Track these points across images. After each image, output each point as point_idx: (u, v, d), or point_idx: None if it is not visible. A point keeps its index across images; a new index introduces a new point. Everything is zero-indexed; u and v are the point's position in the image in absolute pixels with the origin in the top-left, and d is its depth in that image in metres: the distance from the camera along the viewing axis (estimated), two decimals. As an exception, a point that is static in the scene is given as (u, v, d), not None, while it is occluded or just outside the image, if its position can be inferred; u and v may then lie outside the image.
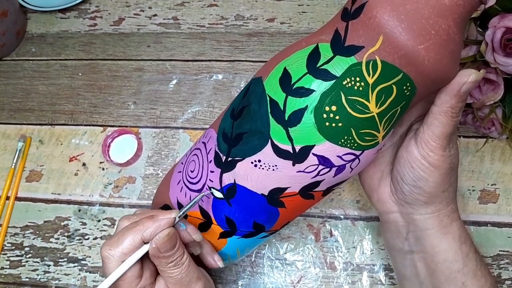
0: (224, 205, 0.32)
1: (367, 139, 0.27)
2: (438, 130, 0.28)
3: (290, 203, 0.31)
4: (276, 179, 0.29)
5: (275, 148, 0.28)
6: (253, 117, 0.29)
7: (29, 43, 0.56)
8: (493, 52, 0.37)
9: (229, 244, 0.34)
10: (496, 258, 0.42)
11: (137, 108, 0.51)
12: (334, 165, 0.28)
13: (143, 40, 0.55)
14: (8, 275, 0.45)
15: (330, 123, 0.26)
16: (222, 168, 0.31)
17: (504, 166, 0.45)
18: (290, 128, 0.27)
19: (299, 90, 0.26)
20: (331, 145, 0.27)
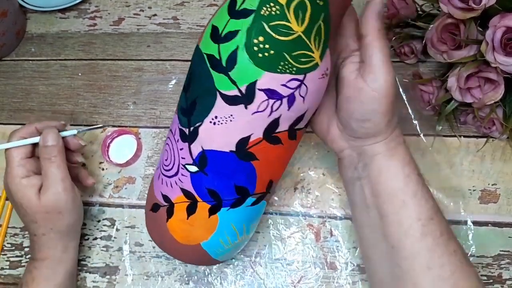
0: (201, 177, 0.32)
1: (303, 60, 0.28)
2: (380, 57, 0.30)
3: (260, 152, 0.31)
4: (236, 129, 0.30)
5: (224, 97, 0.29)
6: (198, 80, 0.30)
7: (28, 43, 0.56)
8: (494, 52, 0.36)
9: (221, 220, 0.33)
10: (497, 258, 0.42)
11: (137, 108, 0.51)
12: (282, 96, 0.28)
13: (143, 40, 0.55)
14: (8, 275, 0.45)
15: (262, 53, 0.27)
16: (188, 140, 0.32)
17: (504, 165, 0.45)
18: (230, 72, 0.28)
19: (227, 35, 0.28)
20: (271, 75, 0.28)
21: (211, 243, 0.34)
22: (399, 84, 0.49)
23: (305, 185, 0.46)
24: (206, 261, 0.37)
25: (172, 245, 0.35)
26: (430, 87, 0.44)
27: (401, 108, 0.48)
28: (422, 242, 0.31)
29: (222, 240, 0.34)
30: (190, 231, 0.34)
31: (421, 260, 0.31)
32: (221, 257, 0.37)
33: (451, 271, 0.31)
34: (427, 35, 0.42)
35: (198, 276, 0.43)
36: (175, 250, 0.36)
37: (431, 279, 0.31)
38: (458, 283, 0.30)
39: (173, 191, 0.34)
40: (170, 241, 0.35)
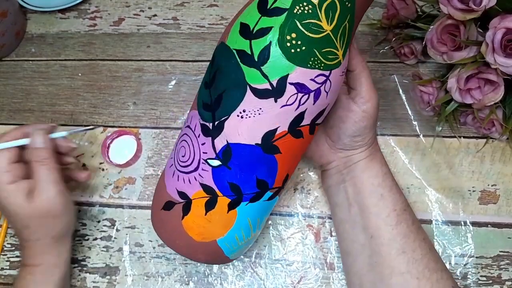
0: (224, 171, 0.32)
1: (330, 57, 0.30)
2: (367, 84, 0.36)
3: (283, 146, 0.32)
4: (264, 122, 0.31)
5: (254, 91, 0.30)
6: (226, 75, 0.31)
7: (28, 44, 0.56)
8: (494, 53, 0.37)
9: (239, 215, 0.34)
10: (496, 258, 0.42)
11: (137, 108, 0.51)
12: (310, 90, 0.30)
13: (143, 40, 0.55)
14: (8, 275, 0.45)
15: (294, 49, 0.29)
16: (212, 135, 0.32)
17: (504, 166, 0.45)
18: (262, 67, 0.29)
19: (260, 32, 0.29)
20: (302, 70, 0.29)
21: (227, 239, 0.34)
22: (399, 85, 0.49)
23: (305, 186, 0.46)
24: (218, 259, 0.36)
25: (187, 243, 0.35)
26: (430, 88, 0.44)
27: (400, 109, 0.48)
28: (397, 229, 0.36)
29: (238, 236, 0.34)
30: (207, 227, 0.34)
31: (397, 245, 0.35)
32: (233, 255, 0.36)
33: (422, 254, 0.35)
34: (427, 36, 0.42)
35: (198, 277, 0.43)
36: (189, 249, 0.35)
37: (406, 262, 0.35)
38: (429, 264, 0.35)
39: (192, 186, 0.34)
40: (184, 240, 0.34)
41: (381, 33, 0.52)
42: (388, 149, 0.47)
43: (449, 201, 0.44)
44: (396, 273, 0.35)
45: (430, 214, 0.44)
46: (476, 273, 0.42)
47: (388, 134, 0.47)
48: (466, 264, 0.42)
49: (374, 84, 0.37)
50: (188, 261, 0.44)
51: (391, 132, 0.47)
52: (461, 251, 0.42)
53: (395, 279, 0.35)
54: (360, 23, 0.52)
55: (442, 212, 0.44)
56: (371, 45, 0.52)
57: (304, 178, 0.46)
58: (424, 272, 0.35)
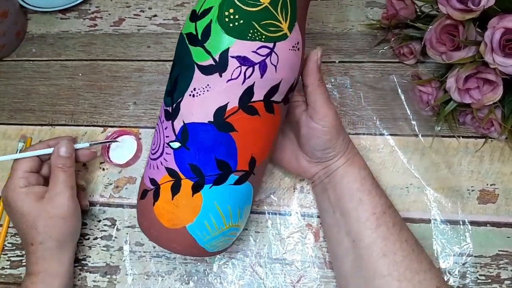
0: (184, 152, 0.33)
1: (271, 29, 0.30)
2: (322, 99, 0.37)
3: (238, 123, 0.32)
4: (213, 99, 0.31)
5: (201, 68, 0.31)
6: (179, 59, 0.33)
7: (29, 44, 0.57)
8: (492, 53, 0.37)
9: (205, 199, 0.33)
10: (495, 258, 0.42)
11: (138, 108, 0.51)
12: (254, 62, 0.30)
13: (143, 40, 0.55)
14: (9, 275, 0.45)
15: (233, 23, 0.30)
16: (172, 118, 0.33)
17: (503, 166, 0.45)
18: (205, 44, 0.31)
19: (203, 13, 0.31)
20: (242, 42, 0.30)
21: (197, 226, 0.34)
22: (398, 85, 0.49)
23: (304, 185, 0.46)
24: (194, 250, 0.36)
25: (159, 231, 0.35)
26: (429, 88, 0.44)
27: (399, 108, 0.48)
28: (377, 232, 0.36)
29: (208, 223, 0.34)
30: (175, 212, 0.34)
31: (377, 248, 0.36)
32: (209, 246, 0.36)
33: (403, 256, 0.36)
34: (426, 36, 0.42)
35: (198, 276, 0.44)
36: (162, 237, 0.35)
37: (387, 264, 0.35)
38: (411, 266, 0.35)
39: (159, 172, 0.34)
40: (157, 227, 0.35)
41: (381, 33, 0.52)
42: (387, 149, 0.47)
43: (448, 201, 0.44)
44: (378, 276, 0.35)
45: (429, 213, 0.44)
46: (475, 272, 0.42)
47: (387, 134, 0.47)
48: (465, 263, 0.42)
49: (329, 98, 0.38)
50: (188, 260, 0.44)
51: (390, 132, 0.47)
52: (460, 250, 0.43)
53: (377, 282, 0.35)
54: (360, 23, 0.53)
55: (441, 212, 0.44)
56: (370, 45, 0.52)
57: (304, 178, 0.46)
58: (406, 274, 0.35)
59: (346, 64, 0.51)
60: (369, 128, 0.48)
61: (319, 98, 0.37)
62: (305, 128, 0.39)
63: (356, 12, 0.54)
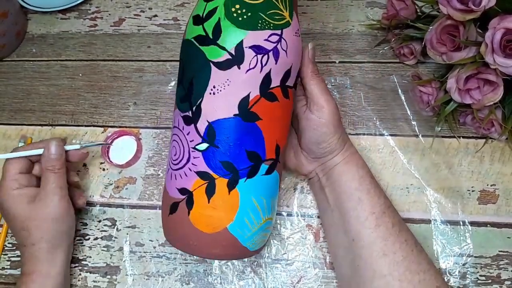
0: (213, 151, 0.33)
1: (277, 18, 0.33)
2: (318, 89, 0.37)
3: (261, 111, 0.33)
4: (235, 91, 0.32)
5: (218, 65, 0.32)
6: (190, 63, 0.34)
7: (29, 44, 0.57)
8: (493, 53, 0.37)
9: (242, 194, 0.33)
10: (495, 258, 0.42)
11: (138, 108, 0.51)
12: (268, 50, 0.32)
13: (144, 40, 0.55)
14: (9, 275, 0.45)
15: (242, 17, 0.32)
16: (194, 121, 0.34)
17: (503, 166, 0.45)
18: (218, 41, 0.32)
19: (208, 14, 0.33)
20: (254, 33, 0.32)
21: (237, 224, 0.34)
22: (398, 85, 0.49)
23: (304, 186, 0.46)
24: (236, 251, 0.35)
25: (199, 239, 0.34)
26: (429, 88, 0.44)
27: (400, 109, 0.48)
28: (376, 232, 0.36)
29: (247, 219, 0.34)
30: (214, 215, 0.33)
31: (377, 248, 0.36)
32: (250, 243, 0.35)
33: (403, 256, 0.36)
34: (426, 37, 0.42)
35: (199, 277, 0.44)
36: (204, 245, 0.34)
37: (387, 264, 0.35)
38: (410, 266, 0.35)
39: (189, 179, 0.34)
40: (197, 237, 0.34)
41: (381, 33, 0.52)
42: (387, 149, 0.47)
43: (448, 201, 0.44)
44: (378, 276, 0.35)
45: (429, 214, 0.44)
46: (475, 272, 0.42)
47: (388, 134, 0.47)
48: (465, 264, 0.42)
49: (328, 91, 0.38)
50: (188, 261, 0.44)
51: (390, 132, 0.47)
52: (460, 250, 0.43)
53: (377, 282, 0.35)
54: (360, 24, 0.53)
55: (441, 212, 0.44)
56: (370, 46, 0.52)
57: (301, 175, 0.46)
58: (406, 274, 0.35)
59: (346, 64, 0.51)
60: (369, 128, 0.48)
61: (314, 88, 0.38)
62: (303, 121, 0.39)
63: (356, 12, 0.54)
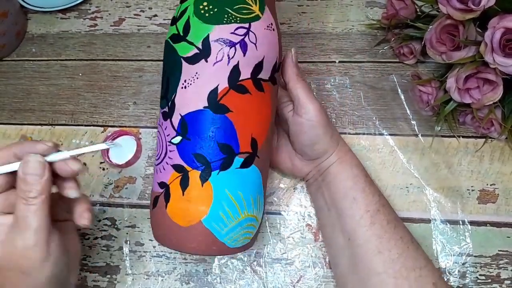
0: (186, 144, 0.34)
1: (244, 12, 0.33)
2: (303, 93, 0.38)
3: (231, 103, 0.33)
4: (204, 84, 0.33)
5: (187, 60, 0.33)
6: (167, 62, 0.35)
7: (29, 44, 0.57)
8: (493, 53, 0.37)
9: (215, 186, 0.33)
10: (495, 258, 0.42)
11: (138, 108, 0.51)
12: (234, 42, 0.33)
13: (144, 40, 0.55)
14: (9, 275, 0.45)
15: (208, 13, 0.33)
16: (169, 116, 0.35)
17: (503, 166, 0.45)
18: (187, 37, 0.33)
19: (180, 14, 0.34)
20: (220, 26, 0.33)
21: (212, 217, 0.33)
22: (398, 85, 0.49)
23: (304, 185, 0.46)
24: (213, 246, 0.34)
25: (176, 232, 0.34)
26: (429, 88, 0.44)
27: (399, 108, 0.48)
28: (371, 230, 0.37)
29: (222, 212, 0.34)
30: (188, 208, 0.34)
31: (372, 246, 0.36)
32: (228, 239, 0.34)
33: (399, 253, 0.36)
34: (426, 36, 0.42)
35: (198, 276, 0.44)
36: (179, 238, 0.34)
37: (382, 262, 0.36)
38: (406, 263, 0.35)
39: (166, 172, 0.35)
40: (173, 229, 0.34)
41: (381, 33, 0.52)
42: (387, 149, 0.47)
43: (447, 201, 0.44)
44: (373, 274, 0.35)
45: (428, 213, 0.44)
46: (475, 272, 0.42)
47: (387, 134, 0.47)
48: (465, 263, 0.42)
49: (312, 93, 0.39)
50: (188, 260, 0.44)
51: (390, 132, 0.47)
52: (460, 250, 0.43)
53: (373, 279, 0.35)
54: (359, 23, 0.53)
55: (441, 212, 0.44)
56: (370, 45, 0.52)
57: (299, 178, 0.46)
58: (401, 271, 0.35)
59: (346, 64, 0.51)
60: (369, 128, 0.48)
61: (300, 92, 0.38)
62: (293, 125, 0.39)
63: (356, 12, 0.54)
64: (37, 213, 0.28)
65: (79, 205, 0.33)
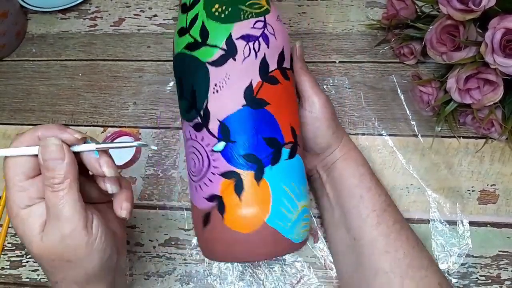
0: (231, 147, 0.33)
1: (256, 6, 0.34)
2: (309, 85, 0.38)
3: (267, 95, 0.33)
4: (237, 83, 0.33)
5: (214, 63, 0.33)
6: (187, 72, 0.34)
7: (29, 44, 0.57)
8: (493, 53, 0.37)
9: (271, 183, 0.33)
10: (495, 258, 0.42)
11: (137, 108, 0.51)
12: (257, 36, 0.33)
13: (143, 40, 0.55)
14: (9, 275, 0.45)
15: (223, 13, 0.33)
16: (204, 125, 0.34)
17: (503, 166, 0.45)
18: (207, 41, 0.33)
19: (191, 23, 0.34)
20: (239, 23, 0.33)
21: (275, 215, 0.33)
22: (398, 85, 0.49)
23: (305, 186, 0.46)
24: (281, 245, 0.33)
25: (241, 242, 0.32)
26: (429, 88, 0.44)
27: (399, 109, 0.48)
28: (378, 229, 0.36)
29: (283, 208, 0.33)
30: (249, 213, 0.32)
31: (379, 245, 0.36)
32: (293, 235, 0.34)
33: (405, 253, 0.36)
34: (426, 36, 0.42)
35: (198, 277, 0.44)
36: (248, 247, 0.33)
37: (389, 261, 0.35)
38: (412, 262, 0.35)
39: (214, 184, 0.33)
40: (238, 241, 0.32)
41: (381, 33, 0.52)
42: (386, 149, 0.47)
43: (447, 201, 0.44)
44: (380, 273, 0.35)
45: (428, 214, 0.44)
46: (475, 272, 0.42)
47: (387, 134, 0.47)
48: (465, 264, 0.42)
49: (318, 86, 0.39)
50: (188, 261, 0.44)
51: (389, 132, 0.47)
52: (460, 250, 0.43)
53: (379, 279, 0.35)
54: (360, 23, 0.53)
55: (441, 212, 0.44)
56: (370, 45, 0.52)
57: (304, 178, 0.46)
58: (407, 271, 0.35)
59: (346, 64, 0.51)
60: (368, 128, 0.48)
61: (304, 84, 0.38)
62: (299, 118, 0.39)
63: (356, 12, 0.54)
64: (66, 199, 0.27)
65: (118, 193, 0.31)
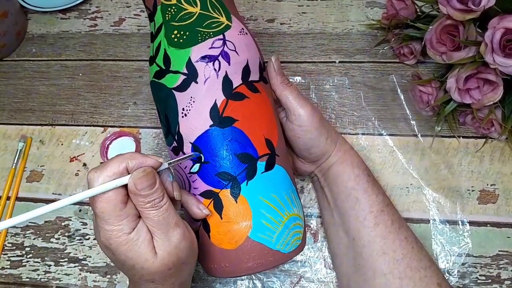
0: (206, 168, 0.33)
1: (214, 26, 0.34)
2: (292, 98, 0.38)
3: (234, 112, 0.34)
4: (203, 105, 0.33)
5: (177, 89, 0.34)
6: (160, 100, 0.35)
7: (29, 44, 0.57)
8: (493, 53, 0.37)
9: (249, 198, 0.33)
10: (495, 258, 0.42)
11: (138, 108, 0.51)
12: (215, 56, 0.33)
13: (144, 40, 0.55)
14: (9, 275, 0.45)
15: (182, 39, 0.34)
16: (180, 149, 0.35)
17: (503, 166, 0.45)
18: (170, 68, 0.34)
19: (156, 51, 0.35)
20: (197, 46, 0.33)
21: (257, 229, 0.33)
22: (398, 85, 0.49)
23: (305, 185, 0.46)
24: (269, 257, 0.33)
25: (228, 258, 0.33)
26: (429, 88, 0.44)
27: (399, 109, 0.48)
28: (376, 230, 0.37)
29: (265, 220, 0.33)
30: (231, 229, 0.33)
31: (377, 247, 0.36)
32: (281, 246, 0.34)
33: (403, 254, 0.36)
34: (426, 36, 0.42)
35: (199, 277, 0.44)
36: (234, 263, 0.33)
37: (387, 262, 0.36)
38: (411, 263, 0.35)
39: None
40: (224, 257, 0.33)
41: (381, 33, 0.52)
42: (386, 149, 0.47)
43: (447, 201, 0.44)
44: (379, 274, 0.35)
45: (428, 213, 0.44)
46: (475, 272, 0.42)
47: (387, 134, 0.47)
48: (465, 264, 0.42)
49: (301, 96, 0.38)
50: (188, 261, 0.44)
51: (389, 132, 0.47)
52: (459, 250, 0.43)
53: (378, 280, 0.35)
54: (360, 23, 0.53)
55: (441, 212, 0.44)
56: (370, 45, 0.52)
57: (304, 178, 0.46)
58: (406, 271, 0.35)
59: (346, 64, 0.51)
60: (368, 128, 0.48)
61: (288, 98, 0.38)
62: (287, 132, 0.39)
63: (356, 12, 0.54)
64: (170, 210, 0.30)
65: (188, 200, 0.34)
